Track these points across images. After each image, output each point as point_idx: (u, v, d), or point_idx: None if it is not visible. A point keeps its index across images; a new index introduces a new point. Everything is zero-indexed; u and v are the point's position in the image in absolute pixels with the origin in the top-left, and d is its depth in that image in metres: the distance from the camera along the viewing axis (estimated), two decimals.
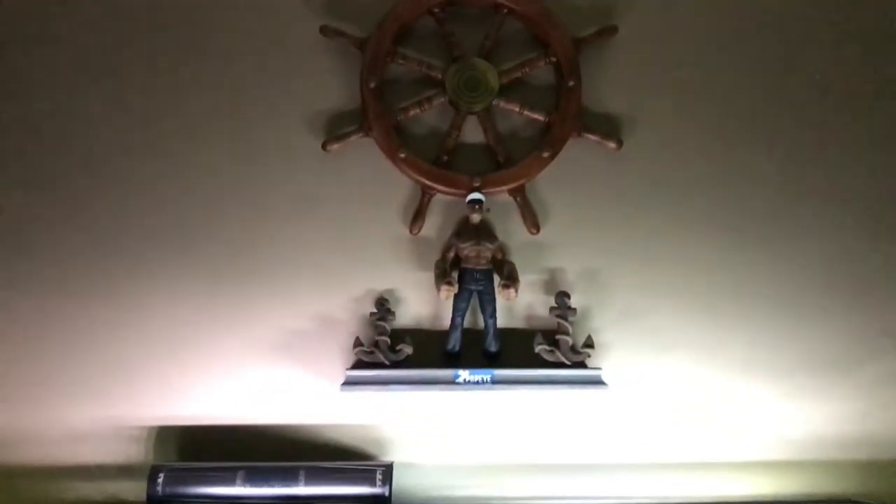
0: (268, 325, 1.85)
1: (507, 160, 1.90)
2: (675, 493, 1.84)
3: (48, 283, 1.84)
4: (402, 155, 1.86)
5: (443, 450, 1.85)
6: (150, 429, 1.83)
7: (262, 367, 1.84)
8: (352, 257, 1.88)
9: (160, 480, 1.70)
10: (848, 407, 1.90)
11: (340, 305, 1.87)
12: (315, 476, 1.71)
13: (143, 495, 1.70)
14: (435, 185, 1.88)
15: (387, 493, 1.70)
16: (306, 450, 1.81)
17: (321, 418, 1.83)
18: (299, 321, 1.86)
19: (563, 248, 1.91)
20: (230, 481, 1.70)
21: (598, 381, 1.79)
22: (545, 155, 1.89)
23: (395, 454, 1.83)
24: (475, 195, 1.84)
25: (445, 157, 1.90)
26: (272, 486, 1.70)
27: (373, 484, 1.71)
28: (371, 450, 1.83)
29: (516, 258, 1.88)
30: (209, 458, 1.78)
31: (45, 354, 1.83)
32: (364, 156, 1.89)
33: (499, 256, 1.87)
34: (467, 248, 1.84)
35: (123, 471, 1.80)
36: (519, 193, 1.90)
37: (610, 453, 1.87)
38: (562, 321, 1.82)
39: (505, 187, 1.89)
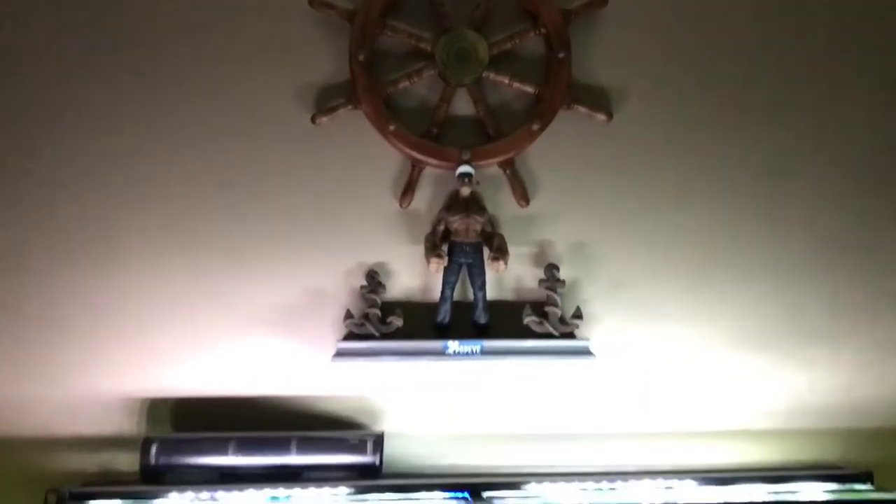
0: (259, 298, 1.86)
1: (496, 133, 1.90)
2: (662, 461, 1.86)
3: (40, 259, 1.84)
4: (392, 128, 1.86)
5: (433, 419, 1.87)
6: (143, 401, 1.84)
7: (253, 339, 1.86)
8: (342, 231, 1.89)
9: (153, 451, 1.72)
10: (833, 377, 1.92)
11: (331, 278, 1.88)
12: (307, 445, 1.74)
13: (136, 466, 1.72)
14: (425, 159, 1.88)
15: (377, 462, 1.73)
16: (298, 420, 1.83)
17: (313, 389, 1.85)
18: (290, 294, 1.87)
19: (552, 220, 1.92)
20: (222, 451, 1.72)
21: (586, 352, 1.81)
22: (535, 127, 1.89)
23: (385, 424, 1.85)
24: (465, 168, 1.85)
25: (435, 130, 1.90)
26: (264, 455, 1.73)
27: (364, 453, 1.73)
28: (362, 420, 1.85)
29: (506, 231, 1.89)
30: (201, 429, 1.80)
31: (38, 329, 1.83)
32: (353, 129, 1.89)
33: (488, 229, 1.87)
34: (457, 222, 1.85)
35: (117, 442, 1.82)
36: (509, 166, 1.90)
37: (597, 423, 1.89)
38: (551, 293, 1.84)
39: (495, 160, 1.89)
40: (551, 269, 1.86)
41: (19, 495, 1.71)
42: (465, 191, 1.85)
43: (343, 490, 1.68)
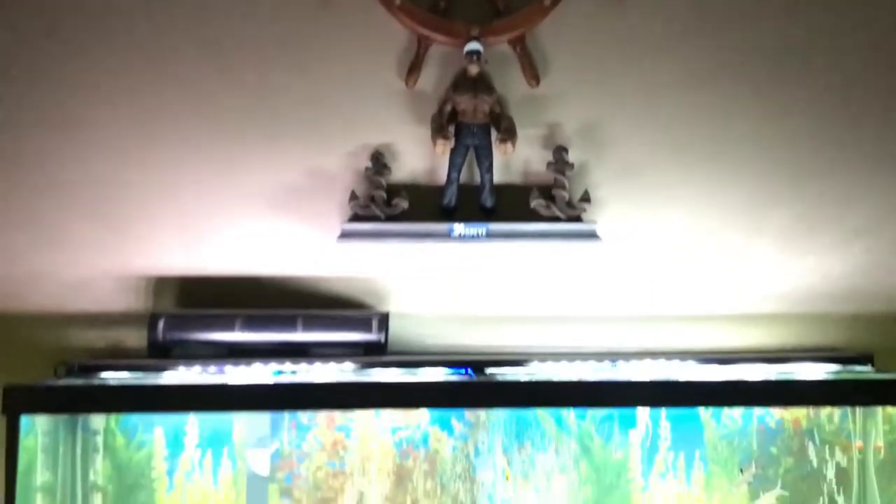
0: (264, 178, 1.84)
1: (507, 8, 1.83)
2: (668, 344, 1.87)
3: (49, 136, 1.82)
4: (398, 2, 1.79)
5: (438, 301, 1.87)
6: (149, 279, 1.85)
7: (259, 219, 1.85)
8: (346, 110, 1.85)
9: (160, 327, 1.74)
10: (837, 263, 1.90)
11: (335, 160, 1.85)
12: (312, 323, 1.75)
13: (144, 343, 1.74)
14: (432, 35, 1.82)
15: (382, 340, 1.75)
16: (304, 300, 1.84)
17: (319, 270, 1.85)
18: (295, 175, 1.85)
19: (562, 101, 1.87)
20: (229, 327, 1.74)
21: (592, 235, 1.80)
22: (547, 3, 1.81)
23: (391, 304, 1.85)
24: (473, 45, 1.78)
25: (443, 5, 1.83)
26: (270, 332, 1.74)
27: (369, 331, 1.75)
28: (368, 300, 1.86)
29: (514, 112, 1.84)
30: (208, 308, 1.81)
31: (46, 205, 1.83)
32: (358, 4, 1.82)
33: (496, 110, 1.82)
34: (464, 102, 1.80)
35: (125, 319, 1.83)
36: (519, 44, 1.84)
37: (601, 306, 1.89)
38: (559, 176, 1.81)
39: (504, 37, 1.83)
40: (560, 151, 1.83)
41: (29, 368, 1.72)
42: (474, 69, 1.79)
43: (349, 366, 1.70)
